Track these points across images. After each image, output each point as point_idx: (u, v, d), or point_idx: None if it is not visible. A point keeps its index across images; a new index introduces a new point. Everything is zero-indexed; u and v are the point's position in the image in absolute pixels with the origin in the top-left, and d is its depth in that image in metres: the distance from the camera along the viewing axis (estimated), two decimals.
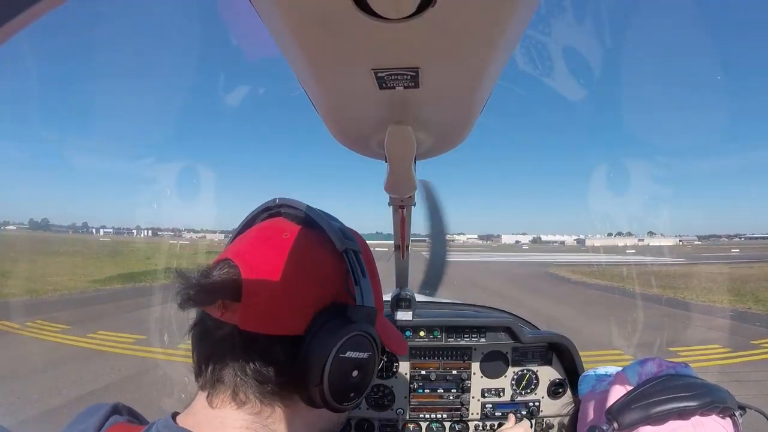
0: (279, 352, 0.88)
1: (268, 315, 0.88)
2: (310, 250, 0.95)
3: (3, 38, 0.58)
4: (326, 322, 0.88)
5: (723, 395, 1.03)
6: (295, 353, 0.87)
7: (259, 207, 1.08)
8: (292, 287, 0.90)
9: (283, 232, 0.96)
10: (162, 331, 12.41)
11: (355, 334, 0.90)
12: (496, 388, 2.52)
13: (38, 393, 8.47)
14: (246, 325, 0.87)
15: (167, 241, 64.95)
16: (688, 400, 0.99)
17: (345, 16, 0.57)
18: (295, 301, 0.89)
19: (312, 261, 0.94)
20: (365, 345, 0.93)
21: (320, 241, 0.96)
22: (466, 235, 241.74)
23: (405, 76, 0.72)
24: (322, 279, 0.94)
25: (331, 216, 1.05)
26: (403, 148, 1.01)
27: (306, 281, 0.92)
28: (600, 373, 1.37)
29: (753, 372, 10.34)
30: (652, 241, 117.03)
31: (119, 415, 0.96)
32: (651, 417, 0.99)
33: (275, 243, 0.94)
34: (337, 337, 0.87)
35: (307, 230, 0.98)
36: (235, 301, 0.87)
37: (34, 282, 24.09)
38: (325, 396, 0.88)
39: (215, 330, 0.90)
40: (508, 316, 2.73)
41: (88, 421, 0.91)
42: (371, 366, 0.97)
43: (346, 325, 0.89)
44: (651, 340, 12.99)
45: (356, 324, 0.91)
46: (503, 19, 0.60)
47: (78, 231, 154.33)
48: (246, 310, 0.87)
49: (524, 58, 9.68)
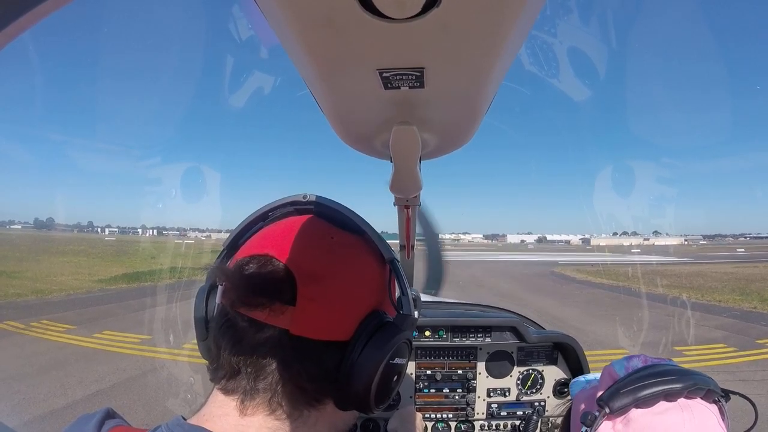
0: (327, 357, 0.86)
1: (322, 320, 0.86)
2: (360, 256, 0.94)
3: (9, 38, 0.58)
4: (376, 329, 0.88)
5: (706, 379, 1.07)
6: (341, 358, 0.86)
7: (282, 199, 1.05)
8: (346, 293, 0.89)
9: (328, 234, 0.94)
10: (167, 331, 12.45)
11: (403, 342, 0.92)
12: (501, 387, 2.51)
13: (43, 393, 8.49)
14: (298, 329, 0.84)
15: (172, 240, 65.05)
16: (673, 382, 1.02)
17: (350, 17, 0.57)
18: (348, 308, 0.88)
19: (361, 268, 0.93)
20: (406, 351, 0.96)
21: (367, 248, 0.96)
22: (471, 235, 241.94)
23: (410, 76, 0.72)
24: (371, 286, 0.93)
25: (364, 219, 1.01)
26: (408, 148, 1.01)
27: (358, 287, 0.91)
28: (589, 378, 1.41)
29: (759, 371, 10.30)
30: (657, 241, 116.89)
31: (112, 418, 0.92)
32: (639, 399, 1.02)
33: (324, 245, 0.92)
34: (390, 345, 0.88)
35: (352, 235, 0.97)
36: (288, 304, 0.84)
37: (40, 282, 24.21)
38: (368, 401, 0.89)
39: (254, 332, 0.85)
40: (513, 316, 2.73)
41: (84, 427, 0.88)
42: (405, 369, 1.00)
43: (397, 333, 0.90)
44: (656, 339, 12.98)
45: (404, 332, 0.91)
46: (508, 18, 0.60)
47: (83, 230, 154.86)
48: (300, 315, 0.84)
49: (529, 58, 9.69)
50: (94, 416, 0.90)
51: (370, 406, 0.90)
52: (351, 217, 0.98)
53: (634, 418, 1.02)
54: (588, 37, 27.30)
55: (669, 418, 1.00)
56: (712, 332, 14.60)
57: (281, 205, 1.04)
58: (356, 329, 0.87)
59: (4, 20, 0.56)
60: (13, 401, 8.08)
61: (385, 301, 0.94)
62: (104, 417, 0.90)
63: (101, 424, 0.88)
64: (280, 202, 1.04)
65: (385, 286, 0.95)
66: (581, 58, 26.17)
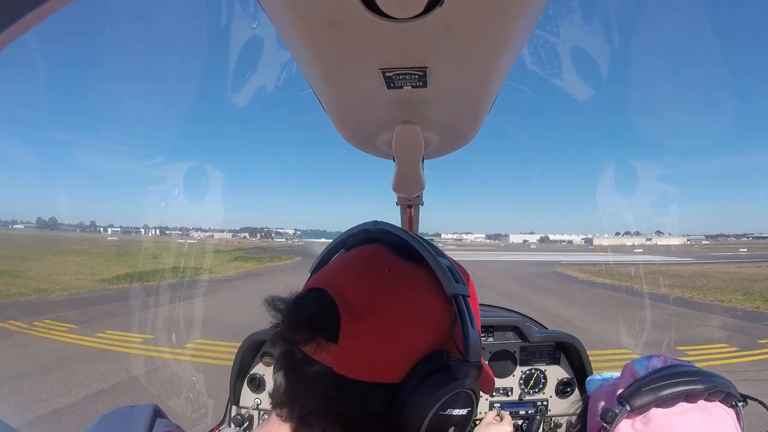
0: (374, 400, 0.81)
1: (367, 360, 0.80)
2: (417, 290, 0.86)
3: (12, 37, 0.58)
4: (429, 374, 0.80)
5: (726, 382, 1.07)
6: (391, 401, 0.81)
7: (355, 228, 1.00)
8: (395, 332, 0.82)
9: (386, 266, 0.87)
10: (170, 330, 12.46)
11: (458, 392, 0.83)
12: (504, 387, 2.51)
13: (46, 393, 8.51)
14: (341, 368, 0.79)
15: (175, 240, 65.07)
16: (695, 383, 1.02)
17: (353, 16, 0.57)
18: (397, 348, 0.82)
19: (418, 304, 0.85)
20: (466, 402, 0.85)
21: (427, 281, 0.86)
22: (473, 235, 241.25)
23: (413, 76, 0.72)
24: (427, 325, 0.84)
25: (435, 248, 0.91)
26: (411, 147, 1.01)
27: (410, 326, 0.83)
28: (605, 376, 1.41)
29: (761, 371, 10.28)
30: (659, 241, 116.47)
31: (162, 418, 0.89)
32: (661, 399, 1.02)
33: (378, 279, 0.85)
34: (439, 395, 0.80)
35: (413, 266, 0.88)
36: (330, 341, 0.80)
37: (42, 281, 24.27)
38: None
39: (305, 365, 0.82)
40: (515, 316, 2.73)
41: (131, 424, 0.84)
42: (468, 421, 0.89)
43: (450, 381, 0.81)
44: (659, 339, 12.95)
45: (460, 381, 0.82)
46: (511, 18, 0.60)
47: (86, 230, 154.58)
48: (343, 353, 0.80)
49: (532, 58, 9.62)
50: (141, 413, 0.87)
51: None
52: (414, 245, 0.88)
53: (654, 417, 1.02)
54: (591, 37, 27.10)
55: (688, 420, 1.00)
56: (714, 332, 14.58)
57: (354, 234, 0.99)
58: (408, 373, 0.81)
59: (6, 19, 0.56)
60: (16, 400, 8.09)
61: (448, 343, 0.85)
62: (154, 416, 0.87)
63: (152, 424, 0.85)
64: (353, 231, 0.99)
65: (449, 326, 0.85)
66: (584, 58, 25.93)
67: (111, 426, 0.86)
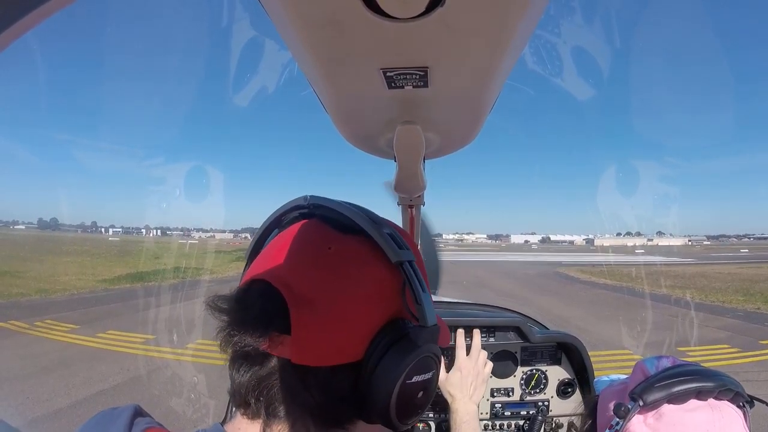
0: (339, 382, 0.80)
1: (323, 346, 0.78)
2: (362, 265, 0.83)
3: (12, 37, 0.58)
4: (389, 346, 0.80)
5: (735, 382, 1.08)
6: (356, 379, 0.80)
7: (286, 205, 0.95)
8: (348, 312, 0.80)
9: (325, 245, 0.84)
10: (171, 331, 12.47)
11: (420, 358, 0.82)
12: (505, 387, 2.51)
13: (47, 393, 8.52)
14: (300, 359, 0.78)
15: (176, 240, 65.16)
16: (706, 381, 1.04)
17: (354, 16, 0.57)
18: (353, 327, 0.80)
19: (365, 279, 0.83)
20: (430, 365, 0.86)
21: (370, 253, 0.84)
22: (475, 235, 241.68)
23: (414, 76, 0.72)
24: (378, 298, 0.82)
25: (375, 216, 0.89)
26: (412, 147, 1.01)
27: (361, 304, 0.81)
28: (613, 377, 1.43)
29: (762, 372, 10.29)
30: (661, 241, 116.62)
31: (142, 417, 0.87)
32: (673, 395, 1.04)
33: (319, 260, 0.83)
34: (403, 365, 0.80)
35: (353, 239, 0.85)
36: (284, 333, 0.78)
37: (43, 281, 24.29)
38: (391, 420, 0.82)
39: (262, 360, 0.81)
40: (516, 316, 2.72)
41: (110, 426, 0.82)
42: (434, 383, 0.90)
43: (411, 350, 0.81)
44: (660, 339, 12.95)
45: (421, 347, 0.82)
46: (512, 18, 0.60)
47: (87, 230, 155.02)
48: (298, 343, 0.78)
49: (533, 58, 9.66)
50: (121, 414, 0.85)
51: (396, 425, 0.83)
52: (351, 216, 0.85)
53: (666, 413, 1.04)
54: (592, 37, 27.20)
55: (699, 416, 1.02)
56: (715, 333, 14.57)
57: (286, 212, 0.95)
58: (367, 348, 0.80)
59: (6, 20, 0.56)
60: (17, 400, 8.10)
61: (402, 310, 0.84)
62: (133, 415, 0.85)
63: (131, 424, 0.83)
64: (284, 209, 0.95)
65: (399, 294, 0.83)
66: (585, 58, 26.09)
67: (92, 429, 0.84)
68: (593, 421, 1.34)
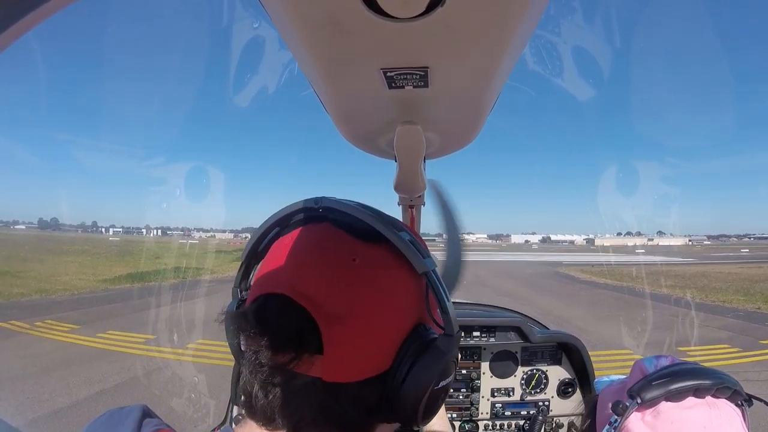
0: (369, 394, 0.79)
1: (355, 361, 0.77)
2: (389, 277, 0.81)
3: (12, 38, 0.58)
4: (418, 355, 0.79)
5: (733, 380, 1.09)
6: (383, 389, 0.79)
7: (293, 205, 0.89)
8: (378, 327, 0.78)
9: (349, 256, 0.80)
10: (171, 331, 12.47)
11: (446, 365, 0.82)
12: (505, 387, 2.51)
13: (48, 393, 8.52)
14: (331, 376, 0.76)
15: (177, 240, 65.14)
16: (703, 379, 1.04)
17: (354, 16, 0.57)
18: (382, 339, 0.79)
19: (392, 290, 0.81)
20: (451, 369, 0.86)
21: (394, 263, 0.81)
22: (475, 235, 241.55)
23: (414, 76, 0.72)
24: (405, 307, 0.81)
25: (392, 220, 0.86)
26: (412, 147, 1.01)
27: (389, 315, 0.79)
28: (613, 378, 1.43)
29: (763, 372, 10.27)
30: (661, 241, 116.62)
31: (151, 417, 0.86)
32: (670, 393, 1.04)
33: (347, 274, 0.79)
34: (434, 373, 0.79)
35: (375, 249, 0.81)
36: (316, 353, 0.76)
37: (44, 281, 24.29)
38: (416, 422, 0.82)
39: (287, 381, 0.78)
40: (517, 316, 2.72)
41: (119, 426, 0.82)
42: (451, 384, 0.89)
43: (439, 359, 0.80)
44: (660, 339, 12.93)
45: (447, 355, 0.81)
46: (513, 18, 0.60)
47: (87, 230, 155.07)
48: (330, 362, 0.76)
49: (534, 58, 9.62)
50: (129, 414, 0.84)
51: (418, 427, 0.84)
52: (372, 224, 0.81)
53: (664, 410, 1.04)
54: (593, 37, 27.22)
55: (697, 414, 1.02)
56: (716, 333, 14.56)
57: (292, 213, 0.90)
58: (395, 356, 0.78)
59: (6, 20, 0.56)
60: (18, 400, 8.09)
61: (425, 317, 0.83)
62: (142, 416, 0.84)
63: (140, 425, 0.82)
64: (291, 210, 0.90)
65: (423, 301, 0.83)
66: (586, 58, 26.11)
67: (100, 429, 0.83)
68: (593, 421, 1.34)
